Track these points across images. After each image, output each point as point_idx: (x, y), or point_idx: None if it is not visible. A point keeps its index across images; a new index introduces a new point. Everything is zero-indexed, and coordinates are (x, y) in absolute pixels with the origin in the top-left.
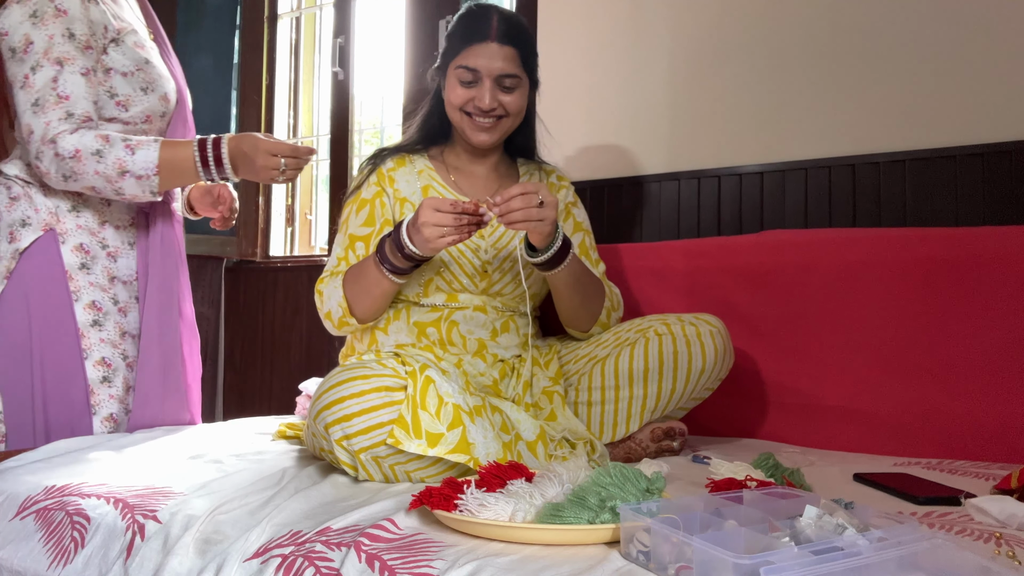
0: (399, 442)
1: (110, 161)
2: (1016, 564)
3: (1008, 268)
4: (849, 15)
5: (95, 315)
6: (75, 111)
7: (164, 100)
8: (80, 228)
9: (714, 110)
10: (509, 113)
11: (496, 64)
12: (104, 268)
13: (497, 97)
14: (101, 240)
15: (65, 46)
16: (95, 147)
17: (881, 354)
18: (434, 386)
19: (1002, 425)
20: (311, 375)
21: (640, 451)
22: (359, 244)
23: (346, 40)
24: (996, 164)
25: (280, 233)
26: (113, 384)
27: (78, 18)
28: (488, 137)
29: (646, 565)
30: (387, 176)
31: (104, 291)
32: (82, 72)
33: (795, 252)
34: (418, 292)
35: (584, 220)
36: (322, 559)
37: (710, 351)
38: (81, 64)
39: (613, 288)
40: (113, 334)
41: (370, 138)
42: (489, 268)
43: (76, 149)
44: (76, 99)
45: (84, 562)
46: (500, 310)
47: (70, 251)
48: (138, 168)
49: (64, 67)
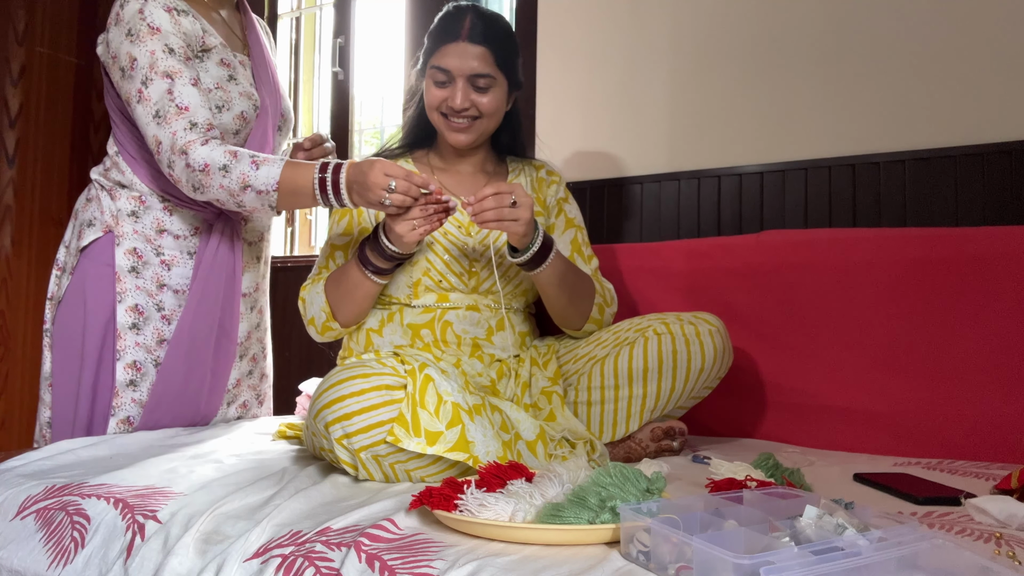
0: (399, 440)
1: (235, 176)
2: (1016, 564)
3: (1008, 268)
4: (849, 15)
5: (135, 318)
6: (197, 120)
7: (239, 119)
8: (136, 233)
9: (714, 110)
10: (483, 114)
11: (468, 64)
12: (155, 274)
13: (470, 97)
14: (157, 248)
15: (169, 60)
16: (223, 162)
17: (881, 354)
18: (433, 384)
19: (1002, 425)
20: (311, 375)
21: (640, 451)
22: (338, 253)
23: (346, 40)
24: (996, 164)
25: (280, 233)
26: (139, 388)
27: (172, 32)
28: (464, 138)
29: (646, 565)
30: None
31: (150, 296)
32: (192, 83)
33: (795, 252)
34: (408, 294)
35: (576, 216)
36: (322, 559)
37: (709, 350)
38: (188, 76)
39: (605, 284)
40: (150, 339)
41: (370, 138)
42: (476, 267)
43: (206, 163)
44: (195, 109)
45: (84, 562)
46: (494, 308)
47: (123, 254)
48: (259, 183)
49: (175, 80)
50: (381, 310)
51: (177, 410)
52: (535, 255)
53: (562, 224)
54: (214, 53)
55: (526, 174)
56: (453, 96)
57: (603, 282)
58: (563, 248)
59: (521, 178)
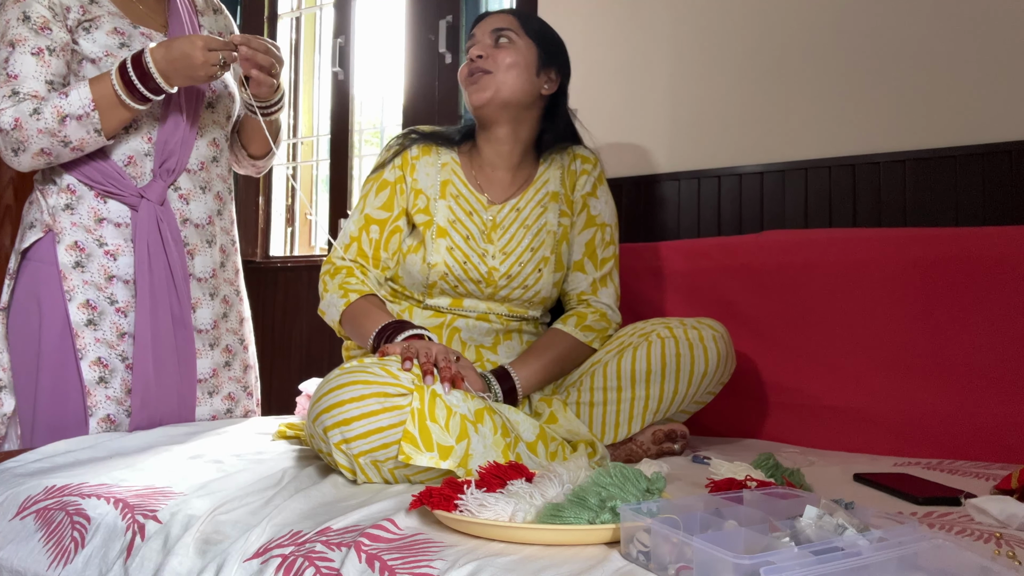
0: (409, 458)
1: (47, 113)
2: (1016, 564)
3: (1008, 268)
4: (849, 15)
5: (89, 314)
6: (21, 89)
7: None
8: (75, 226)
9: (715, 110)
10: (497, 66)
11: (492, 24)
12: (101, 266)
13: (487, 48)
14: (98, 238)
15: (18, 28)
16: (31, 108)
17: (881, 354)
18: (440, 398)
19: (1002, 425)
20: (311, 375)
21: (641, 453)
22: (374, 227)
23: (346, 40)
24: (996, 164)
25: (280, 233)
26: (110, 385)
27: (37, 0)
28: (480, 95)
29: (646, 565)
30: (410, 163)
31: (100, 290)
32: (32, 52)
33: (795, 252)
34: (423, 292)
35: (601, 212)
36: (322, 559)
37: (712, 355)
38: (33, 44)
39: (602, 302)
40: (110, 334)
41: (370, 138)
42: (495, 274)
43: (15, 119)
44: (24, 78)
45: (84, 562)
46: (506, 317)
47: (64, 250)
48: (75, 108)
49: (16, 48)
50: (395, 304)
51: (163, 406)
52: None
53: (582, 223)
54: (103, 22)
55: (556, 166)
56: (476, 50)
57: (601, 297)
58: (576, 251)
59: (550, 172)
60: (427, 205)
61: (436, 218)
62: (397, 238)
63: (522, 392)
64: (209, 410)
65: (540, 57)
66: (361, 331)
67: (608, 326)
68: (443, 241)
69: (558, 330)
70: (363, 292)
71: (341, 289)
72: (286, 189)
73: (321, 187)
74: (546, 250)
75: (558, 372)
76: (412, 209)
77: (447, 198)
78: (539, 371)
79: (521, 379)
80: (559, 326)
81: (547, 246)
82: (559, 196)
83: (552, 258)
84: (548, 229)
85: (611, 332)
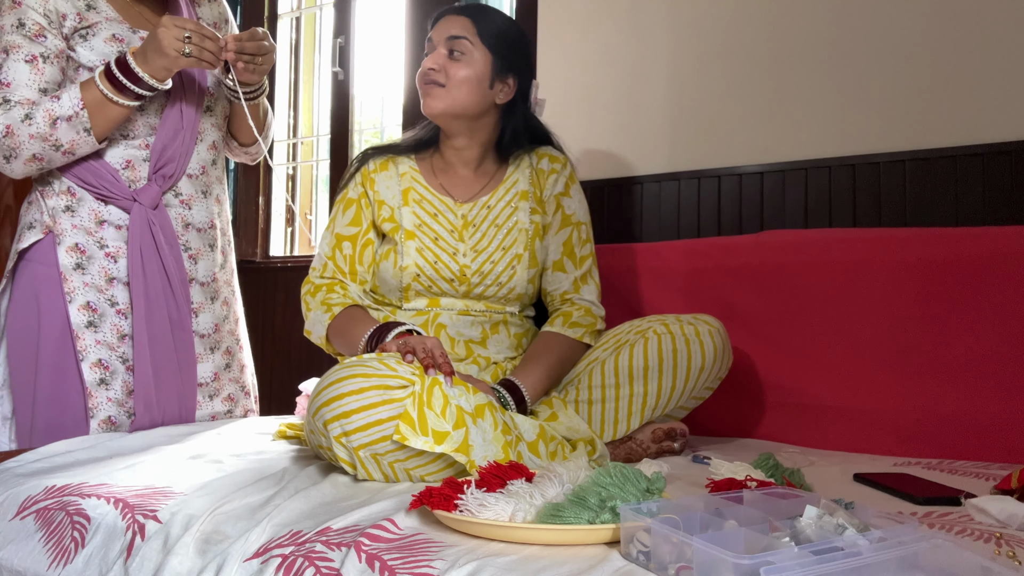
0: (405, 438)
1: (39, 118)
2: (1016, 564)
3: (1008, 268)
4: (849, 15)
5: (90, 316)
6: (12, 97)
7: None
8: (76, 228)
9: (714, 110)
10: (449, 79)
11: (447, 29)
12: (101, 268)
13: (442, 60)
14: (99, 240)
15: (13, 35)
16: (23, 113)
17: (881, 354)
18: (440, 387)
19: (1002, 425)
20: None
21: (641, 451)
22: (346, 244)
23: (346, 40)
24: (996, 164)
25: (280, 233)
26: (111, 387)
27: (33, 7)
28: (432, 106)
29: (646, 565)
30: (369, 178)
31: (100, 292)
32: (27, 59)
33: (795, 252)
34: (399, 297)
35: (576, 211)
36: (322, 559)
37: (709, 349)
38: (27, 51)
39: (584, 300)
40: (110, 336)
41: (370, 138)
42: (468, 271)
43: (6, 126)
44: (17, 86)
45: (84, 562)
46: (485, 313)
47: (65, 252)
48: (65, 110)
49: (10, 55)
50: (375, 311)
51: (164, 408)
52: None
53: (558, 223)
54: (100, 29)
55: (525, 166)
56: (429, 60)
57: (583, 295)
58: (554, 252)
59: (519, 172)
60: (392, 214)
61: (403, 223)
62: (370, 250)
63: (531, 401)
64: (209, 413)
65: (495, 66)
66: (350, 339)
67: (595, 320)
68: (412, 243)
69: (550, 332)
70: (346, 304)
71: (324, 305)
72: (286, 189)
73: (321, 187)
74: (519, 247)
75: (560, 374)
76: (378, 220)
77: (410, 204)
78: (543, 377)
79: (527, 387)
80: (549, 328)
81: (520, 243)
82: (528, 195)
83: (525, 255)
84: (520, 227)
85: (599, 327)
